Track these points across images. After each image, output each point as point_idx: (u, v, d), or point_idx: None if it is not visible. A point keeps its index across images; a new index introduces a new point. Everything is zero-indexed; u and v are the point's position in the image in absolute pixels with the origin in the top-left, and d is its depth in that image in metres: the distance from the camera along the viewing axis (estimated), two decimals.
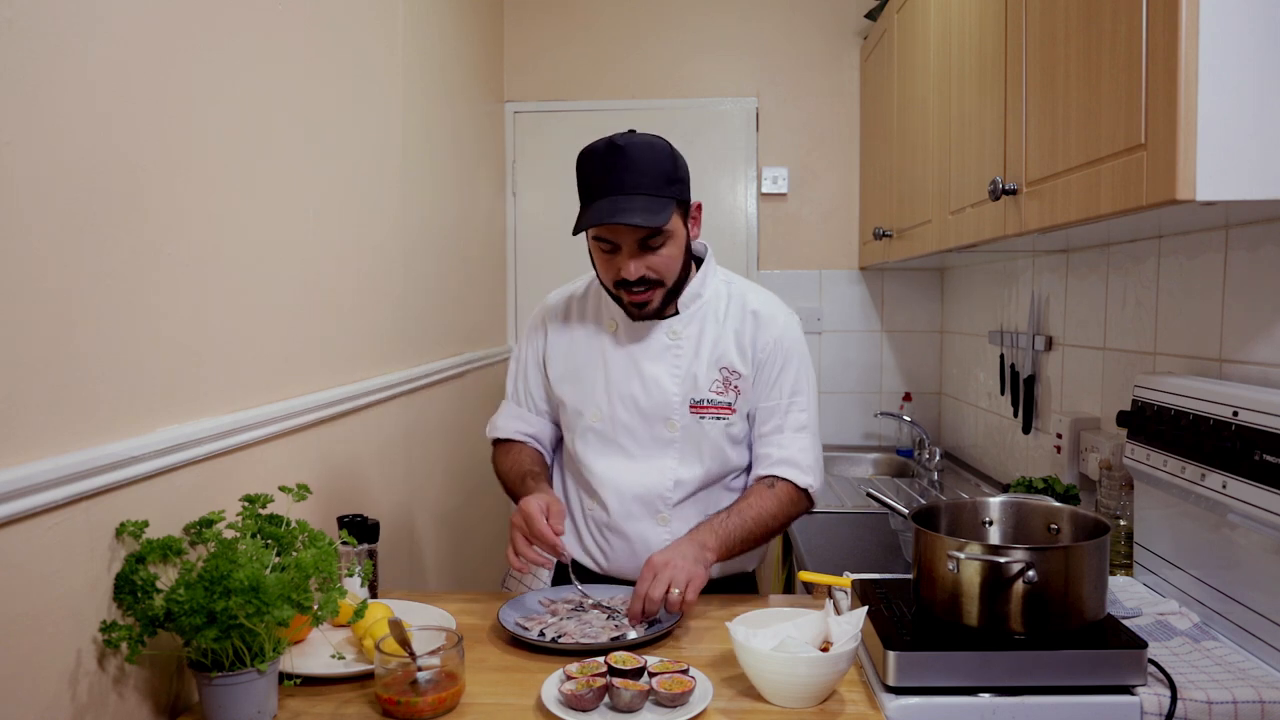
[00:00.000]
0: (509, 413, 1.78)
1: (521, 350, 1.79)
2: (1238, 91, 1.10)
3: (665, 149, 1.55)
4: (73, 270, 1.04)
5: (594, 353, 1.68)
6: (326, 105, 1.78)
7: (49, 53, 1.00)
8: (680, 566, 1.44)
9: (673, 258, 1.57)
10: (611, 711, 1.16)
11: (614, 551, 1.66)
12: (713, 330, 1.65)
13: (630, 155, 1.50)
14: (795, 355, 1.66)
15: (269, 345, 1.54)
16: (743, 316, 1.66)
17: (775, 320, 1.66)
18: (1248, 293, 1.47)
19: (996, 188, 1.65)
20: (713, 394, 1.63)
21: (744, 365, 1.64)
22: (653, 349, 1.65)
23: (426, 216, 2.46)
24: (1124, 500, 1.74)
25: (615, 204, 1.49)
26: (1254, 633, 1.34)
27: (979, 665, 1.21)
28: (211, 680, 1.11)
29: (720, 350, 1.64)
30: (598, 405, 1.65)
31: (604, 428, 1.65)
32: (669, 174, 1.53)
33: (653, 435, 1.64)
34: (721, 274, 1.72)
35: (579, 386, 1.68)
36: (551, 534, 1.47)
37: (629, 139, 1.53)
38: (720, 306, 1.67)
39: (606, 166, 1.51)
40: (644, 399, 1.63)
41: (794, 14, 3.40)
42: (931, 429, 3.36)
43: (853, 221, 3.43)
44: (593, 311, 1.72)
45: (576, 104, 3.45)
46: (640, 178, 1.50)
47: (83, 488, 1.04)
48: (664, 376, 1.63)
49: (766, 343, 1.64)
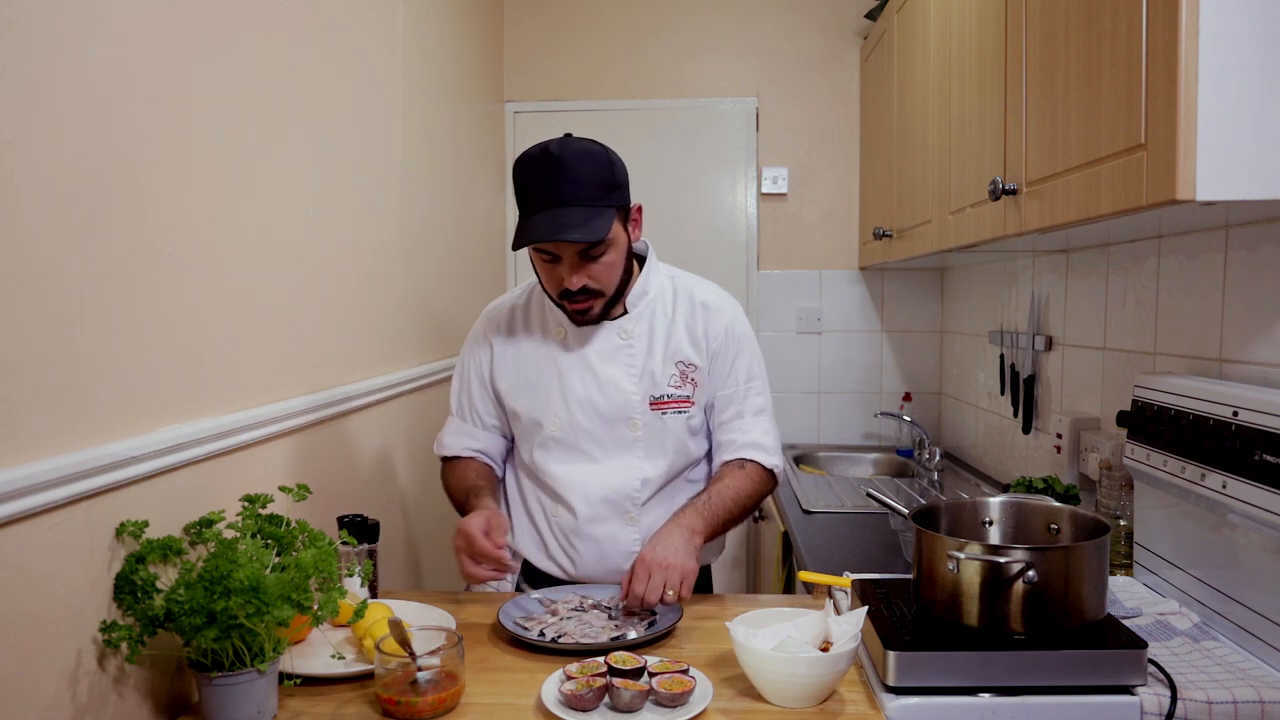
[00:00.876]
0: (455, 429, 1.76)
1: (464, 365, 1.75)
2: (1238, 91, 1.10)
3: (603, 155, 1.53)
4: (72, 270, 1.04)
5: (545, 361, 1.67)
6: (326, 105, 1.78)
7: (49, 53, 1.00)
8: (673, 566, 1.45)
9: (613, 265, 1.57)
10: (611, 711, 1.16)
11: (581, 557, 1.65)
12: (663, 325, 1.66)
13: (567, 165, 1.48)
14: (746, 341, 1.70)
15: (269, 345, 1.54)
16: (691, 308, 1.67)
17: (723, 310, 1.68)
18: (1248, 293, 1.47)
19: (996, 188, 1.65)
20: (671, 388, 1.64)
21: (698, 357, 1.66)
22: (606, 351, 1.65)
23: (426, 216, 2.46)
24: (1124, 500, 1.74)
25: (554, 218, 1.47)
26: (1254, 633, 1.34)
27: (979, 665, 1.21)
28: (211, 680, 1.11)
29: (674, 345, 1.65)
30: (555, 414, 1.64)
31: (564, 435, 1.64)
32: (607, 181, 1.52)
33: (615, 437, 1.64)
34: (664, 269, 1.73)
35: (533, 397, 1.66)
36: (493, 551, 1.47)
37: (565, 147, 1.51)
38: (667, 301, 1.68)
39: (544, 178, 1.49)
40: (603, 402, 1.63)
41: (794, 14, 3.41)
42: (931, 429, 3.36)
43: (853, 221, 3.43)
44: (538, 320, 1.70)
45: (576, 104, 3.45)
46: (578, 188, 1.48)
47: (83, 488, 1.04)
48: (621, 377, 1.63)
49: (718, 332, 1.66)
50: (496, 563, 1.48)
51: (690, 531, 1.52)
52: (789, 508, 2.39)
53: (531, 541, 1.71)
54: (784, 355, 3.46)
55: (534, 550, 1.70)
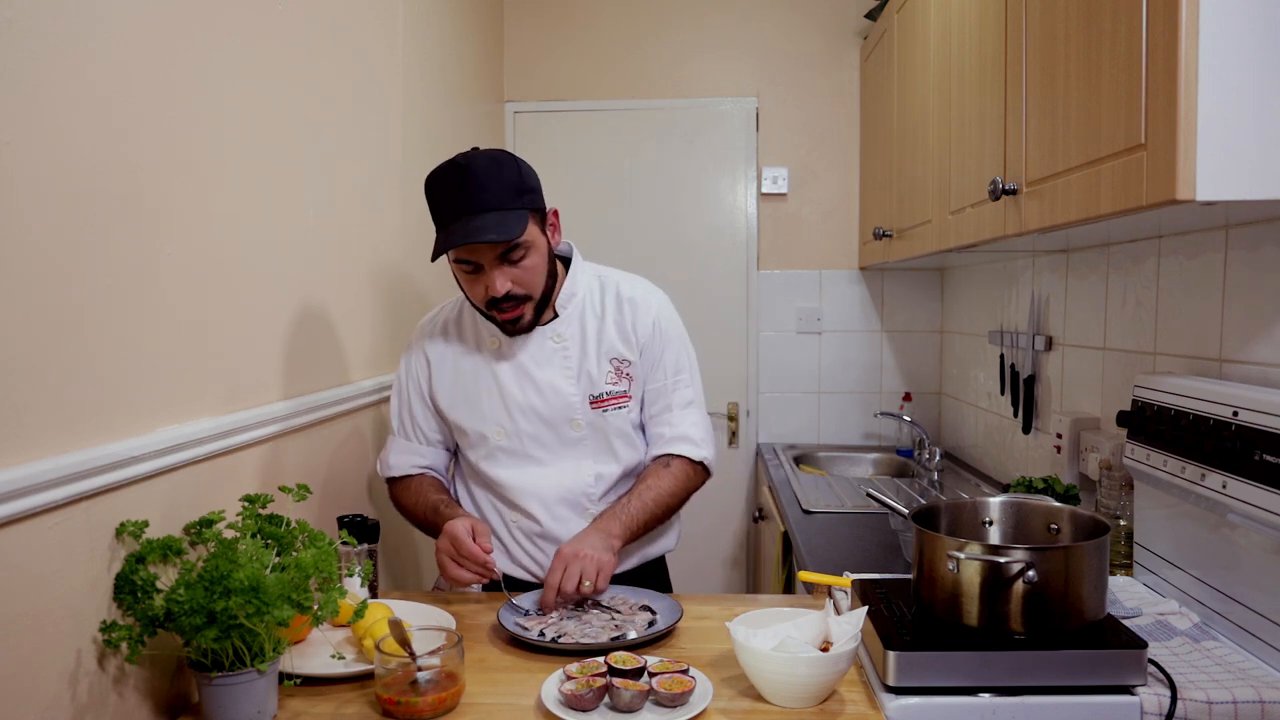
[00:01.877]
0: (400, 448, 1.74)
1: (402, 383, 1.74)
2: (1238, 91, 1.10)
3: (509, 161, 1.55)
4: (72, 270, 1.04)
5: (482, 373, 1.67)
6: (327, 105, 1.78)
7: (49, 53, 1.00)
8: (589, 557, 1.49)
9: (535, 268, 1.57)
10: (611, 711, 1.16)
11: (548, 558, 1.66)
12: (594, 324, 1.67)
13: (475, 173, 1.50)
14: (674, 334, 1.71)
15: (269, 345, 1.54)
16: (619, 305, 1.68)
17: (649, 304, 1.69)
18: (1248, 293, 1.47)
19: (996, 188, 1.65)
20: (608, 385, 1.66)
21: (630, 352, 1.67)
22: (541, 356, 1.66)
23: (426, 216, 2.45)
24: (1124, 500, 1.74)
25: (468, 224, 1.48)
26: (1254, 633, 1.34)
27: (979, 665, 1.21)
28: (211, 680, 1.11)
29: (606, 342, 1.66)
30: (499, 423, 1.66)
31: (510, 443, 1.66)
32: (517, 185, 1.53)
33: (559, 439, 1.66)
34: (590, 269, 1.74)
35: (474, 410, 1.67)
36: (481, 553, 1.50)
37: (471, 157, 1.53)
38: (595, 300, 1.69)
39: (453, 188, 1.50)
40: (544, 407, 1.64)
41: (794, 14, 3.40)
42: (931, 429, 3.36)
43: (853, 221, 3.43)
44: (471, 332, 1.71)
45: (576, 104, 3.45)
46: (488, 195, 1.49)
47: (83, 488, 1.04)
48: (559, 380, 1.64)
49: (646, 326, 1.68)
50: (483, 566, 1.51)
51: (607, 534, 1.55)
52: (789, 508, 2.39)
53: (497, 548, 1.70)
54: (784, 355, 3.46)
55: (499, 557, 1.69)
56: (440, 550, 1.54)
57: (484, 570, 1.51)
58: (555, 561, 1.50)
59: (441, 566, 1.54)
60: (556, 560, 1.50)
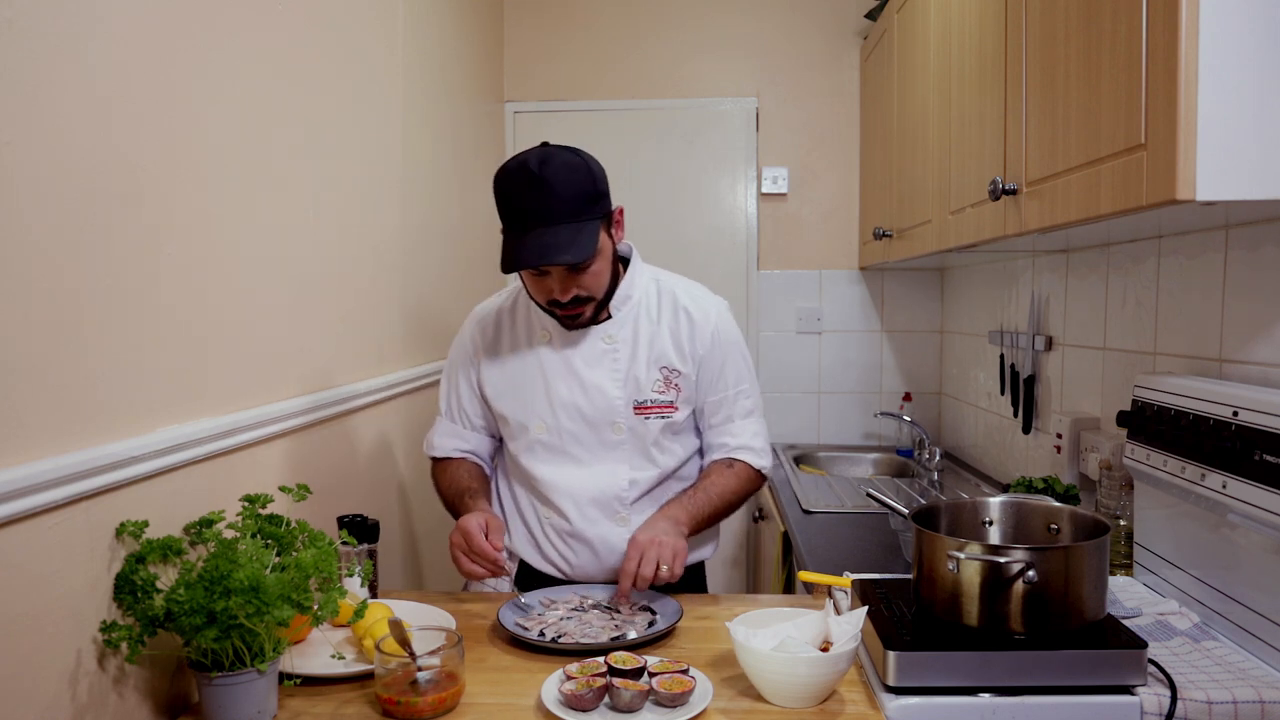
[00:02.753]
0: (445, 430, 1.77)
1: (452, 367, 1.77)
2: (1238, 91, 1.10)
3: (583, 166, 1.52)
4: (73, 270, 1.04)
5: (531, 366, 1.68)
6: (326, 105, 1.78)
7: (49, 53, 1.00)
8: (664, 543, 1.49)
9: (601, 274, 1.57)
10: (611, 711, 1.16)
11: (577, 557, 1.67)
12: (647, 329, 1.66)
13: (551, 183, 1.47)
14: (733, 346, 1.71)
15: (269, 345, 1.54)
16: (676, 314, 1.67)
17: (708, 314, 1.68)
18: (1248, 293, 1.47)
19: (996, 188, 1.65)
20: (655, 394, 1.65)
21: (683, 364, 1.66)
22: (590, 355, 1.65)
23: (426, 216, 2.46)
24: (1124, 500, 1.74)
25: (542, 239, 1.47)
26: (1254, 633, 1.34)
27: (979, 665, 1.21)
28: (211, 680, 1.11)
29: (658, 350, 1.65)
30: (541, 417, 1.66)
31: (550, 438, 1.66)
32: (590, 193, 1.51)
33: (600, 440, 1.65)
34: (648, 271, 1.73)
35: (519, 401, 1.67)
36: (491, 550, 1.50)
37: (546, 163, 1.49)
38: (651, 305, 1.68)
39: (527, 195, 1.48)
40: (587, 406, 1.64)
41: (794, 14, 3.40)
42: (931, 429, 3.36)
43: (853, 221, 3.43)
44: (524, 324, 1.71)
45: (576, 104, 3.45)
46: (563, 204, 1.48)
47: (83, 488, 1.04)
48: (605, 382, 1.64)
49: (704, 339, 1.67)
50: (493, 563, 1.51)
51: (675, 521, 1.56)
52: (789, 508, 2.39)
53: (526, 542, 1.72)
54: (784, 355, 3.46)
55: (530, 551, 1.71)
56: (453, 544, 1.55)
57: (493, 567, 1.51)
58: (631, 549, 1.50)
59: (455, 560, 1.54)
60: (632, 548, 1.50)
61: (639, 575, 1.47)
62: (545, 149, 1.53)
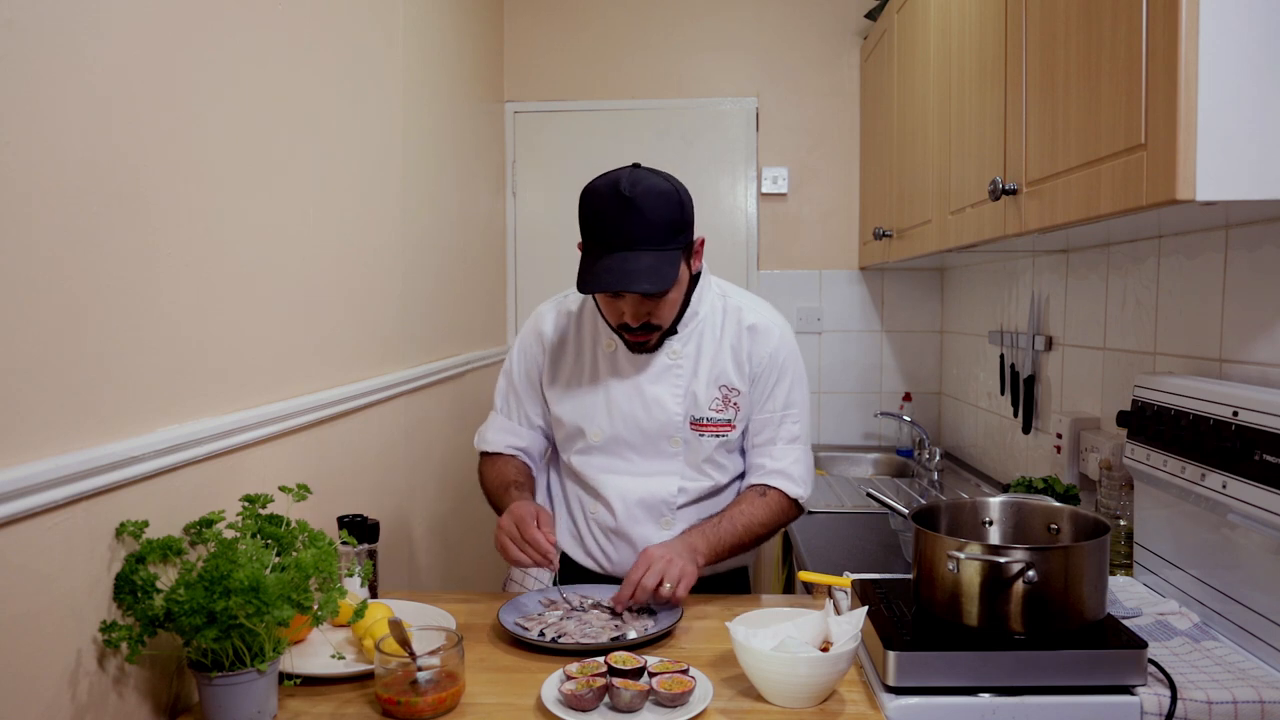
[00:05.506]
0: (498, 425, 1.77)
1: (514, 365, 1.77)
2: (1238, 91, 1.09)
3: (673, 195, 1.51)
4: (72, 270, 1.04)
5: (593, 373, 1.68)
6: (326, 106, 1.78)
7: (49, 53, 1.00)
8: (675, 562, 1.48)
9: (674, 303, 1.57)
10: (611, 711, 1.16)
11: (618, 554, 1.69)
12: (710, 347, 1.66)
13: (639, 207, 1.46)
14: (790, 368, 1.68)
15: (269, 345, 1.54)
16: (739, 332, 1.67)
17: (771, 334, 1.67)
18: (1248, 293, 1.47)
19: (996, 188, 1.65)
20: (713, 412, 1.65)
21: (741, 381, 1.66)
22: (654, 370, 1.65)
23: (426, 216, 2.46)
24: (1124, 500, 1.74)
25: (624, 264, 1.46)
26: (1254, 633, 1.34)
27: (979, 665, 1.21)
28: (211, 680, 1.11)
29: (719, 369, 1.65)
30: (599, 425, 1.66)
31: (606, 445, 1.67)
32: (677, 222, 1.51)
33: (655, 450, 1.66)
34: (716, 286, 1.72)
35: (578, 406, 1.68)
36: (544, 540, 1.48)
37: (638, 186, 1.47)
38: (717, 322, 1.68)
39: (614, 216, 1.47)
40: (646, 419, 1.64)
41: (794, 14, 3.40)
42: (931, 429, 3.36)
43: (853, 221, 3.43)
44: (589, 330, 1.71)
45: (576, 104, 3.45)
46: (649, 231, 1.47)
47: (83, 488, 1.04)
48: (666, 397, 1.64)
49: (762, 357, 1.66)
50: (544, 553, 1.49)
51: (692, 550, 1.54)
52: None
53: (570, 537, 1.74)
54: None
55: (572, 545, 1.73)
56: (502, 529, 1.53)
57: (542, 559, 1.50)
58: (640, 559, 1.49)
59: (502, 547, 1.52)
60: (642, 558, 1.49)
61: (640, 585, 1.46)
62: (636, 171, 1.52)
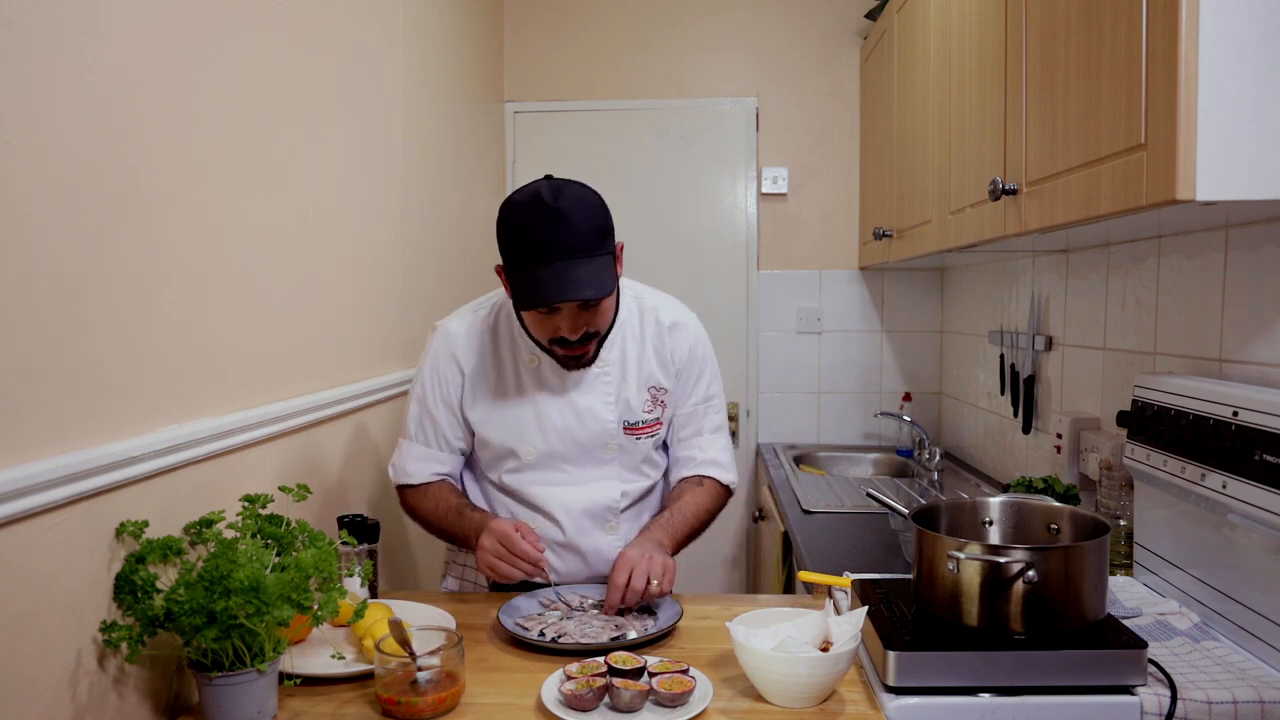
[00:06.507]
0: (417, 454, 1.66)
1: (427, 389, 1.64)
2: (1238, 91, 1.10)
3: (597, 202, 1.49)
4: (73, 270, 1.04)
5: (519, 390, 1.63)
6: (326, 106, 1.78)
7: (49, 53, 1.00)
8: (655, 559, 1.50)
9: (609, 309, 1.55)
10: (611, 711, 1.16)
11: (566, 566, 1.66)
12: (634, 349, 1.66)
13: (567, 216, 1.42)
14: (709, 361, 1.72)
15: (269, 345, 1.54)
16: (659, 331, 1.67)
17: (687, 329, 1.69)
18: (1248, 293, 1.47)
19: (996, 188, 1.65)
20: (644, 414, 1.66)
21: (668, 380, 1.68)
22: (584, 380, 1.63)
23: (426, 216, 2.46)
24: (1124, 500, 1.74)
25: (562, 274, 1.41)
26: (1254, 633, 1.34)
27: (979, 665, 1.21)
28: (211, 680, 1.11)
29: (646, 371, 1.66)
30: (531, 443, 1.62)
31: (539, 461, 1.64)
32: (603, 229, 1.47)
33: (590, 459, 1.65)
34: (628, 289, 1.70)
35: (507, 426, 1.62)
36: (534, 551, 1.47)
37: (561, 196, 1.44)
38: (635, 324, 1.67)
39: (541, 229, 1.42)
40: (580, 431, 1.63)
41: (794, 14, 3.40)
42: (931, 429, 3.36)
43: (853, 221, 3.43)
44: (508, 345, 1.64)
45: (576, 104, 3.45)
46: (578, 238, 1.43)
47: (83, 488, 1.04)
48: (599, 406, 1.63)
49: (682, 353, 1.68)
50: (535, 563, 1.48)
51: (658, 544, 1.55)
52: (789, 508, 2.39)
53: None
54: (784, 355, 3.46)
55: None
56: (484, 549, 1.49)
57: (535, 569, 1.49)
58: (620, 564, 1.49)
59: (489, 566, 1.48)
60: (621, 563, 1.49)
61: (629, 589, 1.46)
62: (553, 181, 1.49)
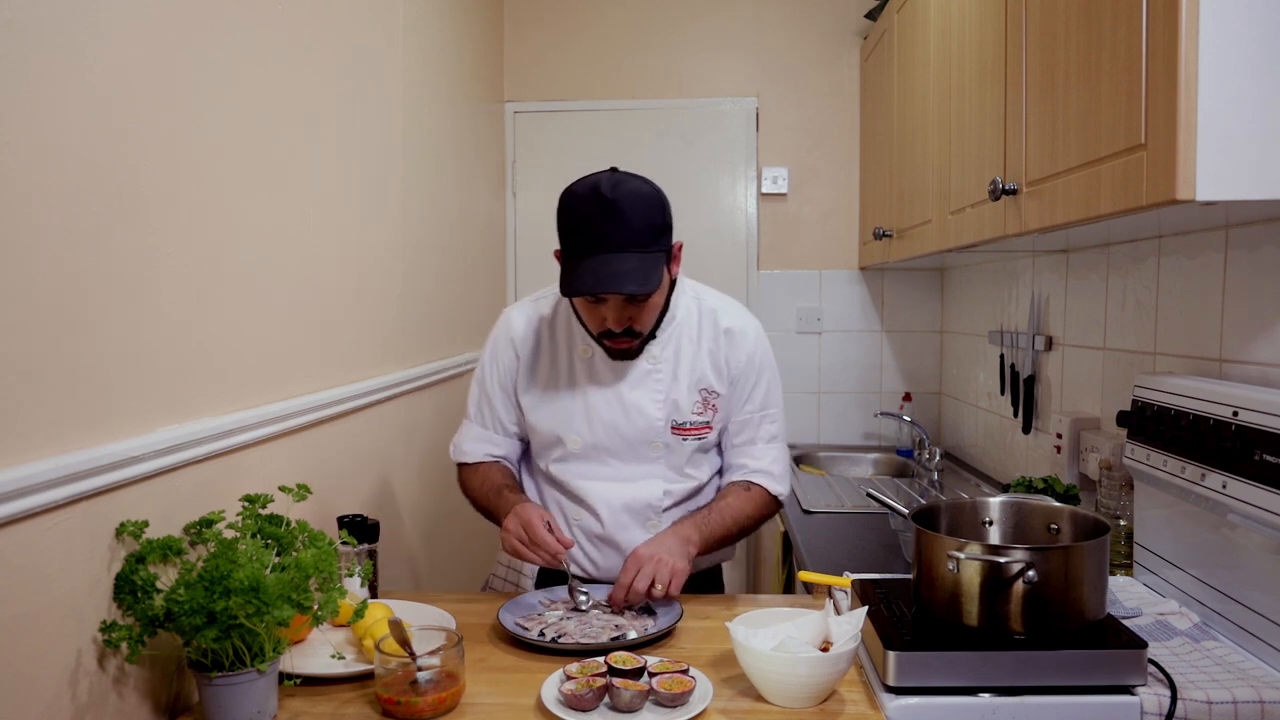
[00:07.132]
0: (474, 435, 1.74)
1: (486, 372, 1.72)
2: (1238, 91, 1.10)
3: (655, 197, 1.51)
4: (73, 270, 1.04)
5: (570, 380, 1.66)
6: (326, 106, 1.78)
7: (49, 53, 1.00)
8: (664, 561, 1.48)
9: (655, 307, 1.56)
10: (611, 711, 1.16)
11: (605, 560, 1.67)
12: (689, 351, 1.66)
13: (622, 210, 1.45)
14: (767, 369, 1.70)
15: (269, 345, 1.54)
16: (716, 335, 1.67)
17: (747, 336, 1.68)
18: (1248, 293, 1.47)
19: (996, 188, 1.65)
20: (693, 415, 1.65)
21: (721, 384, 1.67)
22: (633, 375, 1.64)
23: (426, 216, 2.46)
24: (1124, 500, 1.74)
25: (608, 266, 1.44)
26: (1254, 633, 1.34)
27: (979, 665, 1.21)
28: (211, 680, 1.11)
29: (699, 373, 1.65)
30: (578, 432, 1.65)
31: (585, 452, 1.65)
32: (658, 225, 1.50)
33: (636, 455, 1.65)
34: (689, 289, 1.71)
35: (556, 414, 1.66)
36: (554, 543, 1.48)
37: (619, 188, 1.46)
38: (693, 325, 1.67)
39: (597, 222, 1.46)
40: (627, 426, 1.63)
41: (794, 14, 3.41)
42: (931, 429, 3.36)
43: (853, 221, 3.43)
44: (564, 335, 1.68)
45: (576, 104, 3.45)
46: (632, 234, 1.46)
47: (83, 488, 1.04)
48: (646, 403, 1.64)
49: (740, 360, 1.67)
50: (555, 554, 1.49)
51: (685, 541, 1.54)
52: (789, 508, 2.39)
53: None
54: (784, 355, 3.45)
55: None
56: (508, 531, 1.51)
57: (553, 559, 1.50)
58: (630, 561, 1.49)
59: (514, 550, 1.51)
60: (631, 560, 1.49)
61: (632, 589, 1.46)
62: (616, 174, 1.51)
